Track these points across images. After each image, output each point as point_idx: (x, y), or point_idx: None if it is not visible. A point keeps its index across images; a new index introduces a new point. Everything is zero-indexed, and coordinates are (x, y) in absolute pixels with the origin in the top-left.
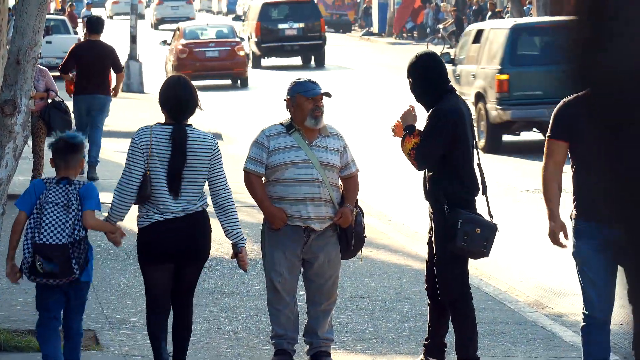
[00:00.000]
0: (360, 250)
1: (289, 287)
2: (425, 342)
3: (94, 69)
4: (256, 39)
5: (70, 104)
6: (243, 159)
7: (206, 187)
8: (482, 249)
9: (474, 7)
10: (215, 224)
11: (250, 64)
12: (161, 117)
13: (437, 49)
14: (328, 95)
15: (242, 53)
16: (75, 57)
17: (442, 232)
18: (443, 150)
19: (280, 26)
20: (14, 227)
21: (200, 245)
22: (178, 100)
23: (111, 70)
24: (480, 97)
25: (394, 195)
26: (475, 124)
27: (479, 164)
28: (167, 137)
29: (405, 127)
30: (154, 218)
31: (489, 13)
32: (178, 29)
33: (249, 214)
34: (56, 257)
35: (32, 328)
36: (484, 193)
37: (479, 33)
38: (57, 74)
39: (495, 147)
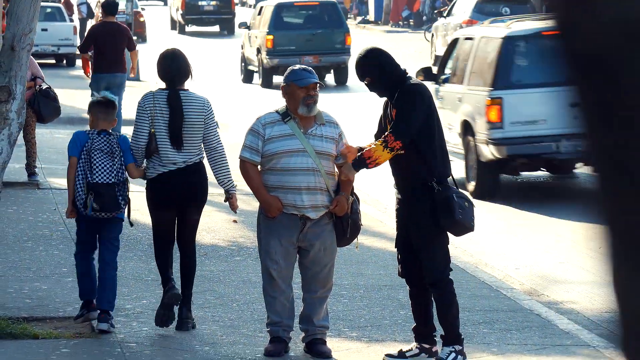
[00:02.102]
0: (356, 238)
1: (285, 274)
2: (415, 329)
3: (111, 49)
4: (182, 12)
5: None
6: (238, 147)
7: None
8: (471, 223)
9: None
10: (214, 217)
11: (177, 30)
12: None
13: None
14: (321, 84)
15: (142, 19)
16: (93, 37)
17: (427, 211)
18: (420, 120)
19: (200, 3)
20: (69, 171)
21: (199, 191)
22: (170, 70)
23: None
24: (468, 128)
25: (390, 183)
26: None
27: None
28: (165, 100)
29: (357, 162)
30: (159, 170)
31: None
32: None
33: (245, 202)
34: (107, 194)
35: (27, 315)
36: (451, 174)
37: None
38: (53, 61)
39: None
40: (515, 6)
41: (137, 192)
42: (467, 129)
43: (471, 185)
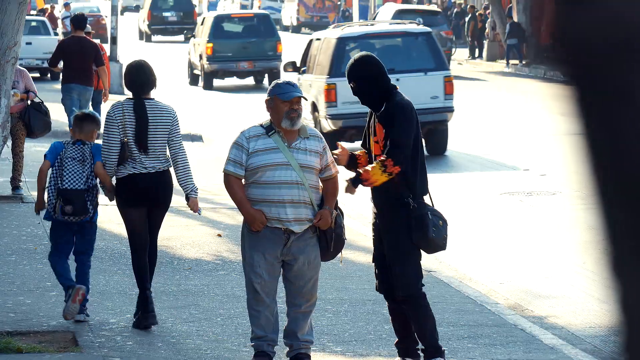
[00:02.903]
0: (340, 252)
1: (269, 289)
2: (397, 344)
3: (79, 62)
4: (147, 22)
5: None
6: (222, 161)
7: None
8: (443, 242)
9: (456, 10)
10: (198, 231)
11: (144, 39)
12: None
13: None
14: (304, 98)
15: (103, 22)
16: (61, 51)
17: (403, 226)
18: (412, 140)
19: (165, 14)
20: (39, 171)
21: (163, 194)
22: (136, 80)
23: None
24: (315, 107)
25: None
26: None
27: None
28: (132, 109)
29: (353, 180)
30: (130, 170)
31: (469, 15)
32: None
33: (229, 216)
34: (75, 199)
35: (11, 329)
36: (428, 191)
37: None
38: (37, 75)
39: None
40: (427, 17)
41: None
42: (314, 107)
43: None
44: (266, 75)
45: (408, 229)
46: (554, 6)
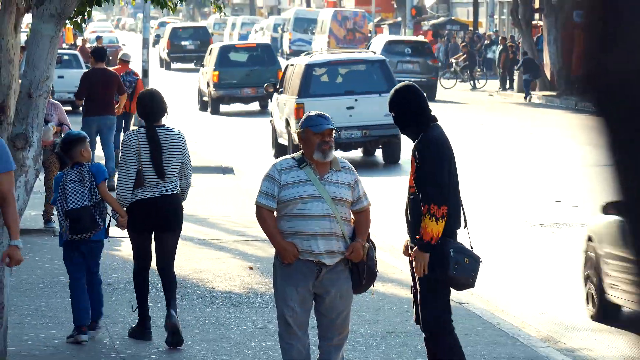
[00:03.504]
0: (372, 285)
1: (301, 321)
2: None
3: (102, 93)
4: (167, 51)
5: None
6: (254, 193)
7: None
8: (470, 280)
9: (486, 41)
10: (230, 264)
11: (164, 67)
12: None
13: (449, 83)
14: (336, 130)
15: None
16: (86, 83)
17: (429, 262)
18: (446, 175)
19: (183, 43)
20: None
21: (174, 217)
22: (147, 109)
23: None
24: (288, 123)
25: (406, 229)
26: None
27: (459, 196)
28: (145, 137)
29: (420, 247)
30: (138, 196)
31: (500, 47)
32: None
33: (261, 248)
34: (82, 216)
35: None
36: (466, 225)
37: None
38: (70, 108)
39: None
40: (415, 47)
41: None
42: (287, 123)
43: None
44: (269, 100)
45: (431, 265)
46: (584, 50)
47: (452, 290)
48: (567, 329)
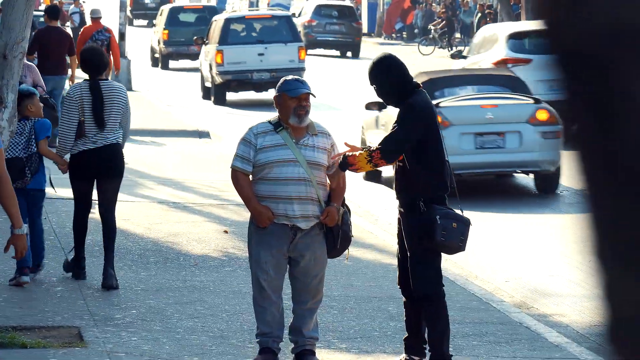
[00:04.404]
0: (347, 249)
1: (275, 285)
2: (405, 340)
3: (56, 52)
4: (130, 8)
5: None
6: (229, 157)
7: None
8: (459, 244)
9: (463, 9)
10: (205, 227)
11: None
12: None
13: (428, 50)
14: (312, 94)
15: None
16: (37, 41)
17: (416, 229)
18: (413, 140)
19: (146, 1)
20: None
21: (115, 166)
22: (89, 64)
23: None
24: (211, 67)
25: (381, 195)
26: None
27: (447, 161)
28: (89, 89)
29: (341, 164)
30: (80, 148)
31: (479, 14)
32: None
33: (236, 212)
34: (13, 167)
35: (16, 324)
36: (454, 190)
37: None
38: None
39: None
40: (342, 10)
41: (129, 201)
42: (210, 67)
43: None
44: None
45: (419, 232)
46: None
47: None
48: (539, 294)
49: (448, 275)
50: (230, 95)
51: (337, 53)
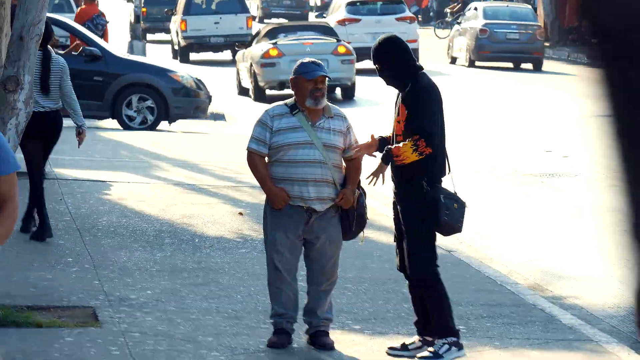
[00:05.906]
0: (362, 232)
1: (290, 266)
2: (416, 324)
3: None
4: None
5: None
6: (245, 139)
7: None
8: (459, 224)
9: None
10: (220, 209)
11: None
12: None
13: (444, 33)
14: (328, 77)
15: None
16: None
17: (417, 209)
18: (440, 121)
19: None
20: None
21: (55, 129)
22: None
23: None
24: (177, 33)
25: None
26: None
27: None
28: (41, 58)
29: (384, 157)
30: (34, 109)
31: None
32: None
33: (251, 194)
34: None
35: (32, 304)
36: (449, 172)
37: None
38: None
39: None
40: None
41: (144, 183)
42: (177, 34)
43: (179, 57)
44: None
45: (421, 212)
46: None
47: (439, 237)
48: (554, 277)
49: (462, 258)
50: (193, 56)
51: None
